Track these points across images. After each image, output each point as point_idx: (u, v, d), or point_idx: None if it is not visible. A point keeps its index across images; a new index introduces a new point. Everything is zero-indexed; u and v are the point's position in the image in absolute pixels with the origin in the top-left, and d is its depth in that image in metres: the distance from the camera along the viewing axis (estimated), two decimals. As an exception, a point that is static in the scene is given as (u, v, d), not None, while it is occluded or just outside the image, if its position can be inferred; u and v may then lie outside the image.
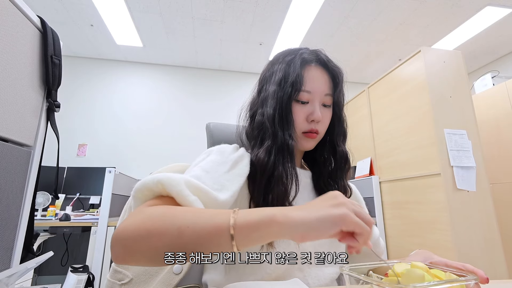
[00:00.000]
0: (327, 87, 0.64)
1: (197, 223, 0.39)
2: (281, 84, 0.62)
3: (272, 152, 0.58)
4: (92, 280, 1.96)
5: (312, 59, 0.64)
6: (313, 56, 0.64)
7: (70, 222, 2.14)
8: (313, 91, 0.61)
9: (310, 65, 0.63)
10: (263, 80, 0.67)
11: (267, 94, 0.63)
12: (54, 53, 0.76)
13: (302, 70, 0.62)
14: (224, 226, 0.37)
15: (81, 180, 2.91)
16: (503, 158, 2.43)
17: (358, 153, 2.57)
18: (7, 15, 0.63)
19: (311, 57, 0.64)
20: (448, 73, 1.80)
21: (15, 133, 0.65)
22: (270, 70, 0.66)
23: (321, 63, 0.64)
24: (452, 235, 1.52)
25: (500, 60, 3.96)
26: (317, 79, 0.63)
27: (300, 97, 0.61)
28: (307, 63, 0.63)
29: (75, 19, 3.14)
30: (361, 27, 3.24)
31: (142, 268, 0.60)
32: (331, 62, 0.65)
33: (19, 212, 0.67)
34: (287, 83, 0.61)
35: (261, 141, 0.61)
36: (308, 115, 0.61)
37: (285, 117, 0.60)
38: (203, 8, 2.93)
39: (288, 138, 0.59)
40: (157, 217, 0.41)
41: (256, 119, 0.63)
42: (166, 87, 4.07)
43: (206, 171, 0.54)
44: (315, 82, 0.62)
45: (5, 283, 0.44)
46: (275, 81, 0.63)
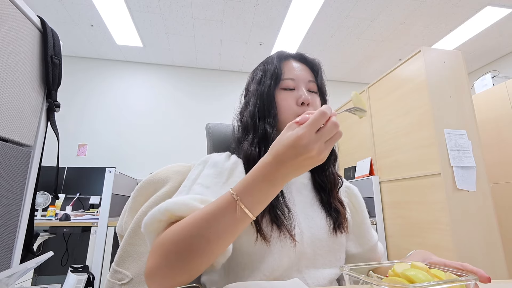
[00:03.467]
0: (309, 75, 0.66)
1: (213, 220, 0.42)
2: (261, 81, 0.65)
3: (254, 142, 0.61)
4: (92, 280, 1.96)
5: (288, 55, 0.69)
6: (289, 53, 0.69)
7: (70, 222, 2.14)
8: (296, 78, 0.64)
9: (288, 59, 0.68)
10: (247, 87, 0.72)
11: (250, 95, 0.67)
12: (54, 53, 0.76)
13: (280, 63, 0.66)
14: (230, 199, 0.42)
15: (81, 180, 2.91)
16: (503, 158, 2.43)
17: (358, 153, 2.57)
18: (7, 15, 0.63)
19: (287, 54, 0.69)
20: (448, 73, 1.80)
21: (15, 133, 0.65)
22: (251, 76, 0.71)
23: (298, 58, 0.69)
24: (452, 235, 1.52)
25: (500, 60, 3.96)
26: (297, 68, 0.66)
27: (285, 85, 0.64)
28: (285, 58, 0.68)
29: (75, 19, 3.14)
30: (361, 27, 3.24)
31: (142, 268, 0.60)
32: (308, 57, 0.69)
33: (19, 212, 0.67)
34: (267, 77, 0.64)
35: (245, 136, 0.64)
36: (297, 99, 0.62)
37: (266, 108, 0.62)
38: (203, 8, 2.93)
39: (268, 126, 0.61)
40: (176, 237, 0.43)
41: (242, 122, 0.67)
42: (166, 87, 4.07)
43: (206, 187, 0.55)
44: (296, 70, 0.65)
45: (5, 283, 0.44)
46: (256, 81, 0.67)
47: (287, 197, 0.60)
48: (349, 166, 2.74)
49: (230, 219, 0.41)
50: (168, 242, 0.43)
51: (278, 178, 0.41)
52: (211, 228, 0.41)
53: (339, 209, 0.63)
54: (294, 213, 0.59)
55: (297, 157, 0.40)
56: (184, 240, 0.42)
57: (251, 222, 0.52)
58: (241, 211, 0.41)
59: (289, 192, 0.62)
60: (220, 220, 0.41)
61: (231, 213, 0.41)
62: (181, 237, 0.42)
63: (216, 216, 0.42)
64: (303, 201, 0.63)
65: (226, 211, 0.41)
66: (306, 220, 0.60)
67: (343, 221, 0.62)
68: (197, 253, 0.41)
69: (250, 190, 0.42)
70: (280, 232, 0.54)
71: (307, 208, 0.62)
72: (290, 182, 0.64)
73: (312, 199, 0.64)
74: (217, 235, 0.41)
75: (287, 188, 0.63)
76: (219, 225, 0.41)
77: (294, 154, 0.40)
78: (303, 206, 0.62)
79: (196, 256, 0.41)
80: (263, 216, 0.54)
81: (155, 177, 0.68)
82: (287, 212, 0.57)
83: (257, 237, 0.53)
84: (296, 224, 0.57)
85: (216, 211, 0.42)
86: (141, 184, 0.68)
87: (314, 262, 0.57)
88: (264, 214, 0.55)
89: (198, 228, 0.42)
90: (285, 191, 0.61)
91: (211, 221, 0.42)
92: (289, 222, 0.55)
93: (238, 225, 0.42)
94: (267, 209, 0.55)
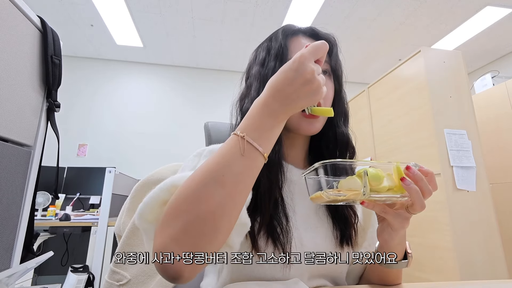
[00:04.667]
0: None
1: (221, 164, 0.38)
2: (264, 62, 0.56)
3: None
4: (92, 280, 1.96)
5: (297, 30, 0.59)
6: (298, 28, 0.59)
7: (70, 222, 2.14)
8: None
9: (297, 35, 0.58)
10: (248, 68, 0.62)
11: (252, 79, 0.58)
12: (54, 53, 0.76)
13: (286, 41, 0.56)
14: (237, 138, 0.39)
15: (81, 180, 2.91)
16: (503, 158, 2.43)
17: (358, 153, 2.56)
18: (7, 15, 0.63)
19: (296, 29, 0.59)
20: (448, 73, 1.80)
21: (15, 133, 0.65)
22: (253, 55, 0.62)
23: (308, 33, 0.59)
24: (452, 235, 1.51)
25: (500, 60, 3.95)
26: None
27: None
28: (292, 34, 0.58)
29: (75, 19, 3.14)
30: (361, 27, 3.24)
31: (140, 269, 0.59)
32: (321, 31, 0.60)
33: (19, 212, 0.67)
34: (271, 57, 0.55)
35: None
36: None
37: None
38: (203, 8, 2.93)
39: None
40: (187, 191, 0.36)
41: (243, 110, 0.57)
42: (166, 87, 4.07)
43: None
44: None
45: (5, 283, 0.44)
46: (258, 62, 0.58)
47: (288, 204, 0.54)
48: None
49: (241, 158, 0.37)
50: (180, 201, 0.35)
51: (278, 110, 0.39)
52: (225, 171, 0.37)
53: (348, 217, 0.56)
54: (295, 222, 0.53)
55: (293, 82, 0.38)
56: (197, 191, 0.35)
57: (247, 233, 0.46)
58: (250, 147, 0.38)
59: (290, 198, 0.55)
60: (231, 162, 0.37)
61: (241, 152, 0.38)
62: (194, 189, 0.36)
63: (226, 158, 0.38)
64: (307, 207, 0.56)
65: (236, 151, 0.38)
66: (309, 230, 0.54)
67: (352, 232, 0.55)
68: (214, 203, 0.35)
69: (253, 126, 0.39)
70: (275, 248, 0.49)
71: (311, 216, 0.56)
72: (292, 184, 0.57)
73: (317, 205, 0.57)
74: (232, 178, 0.37)
75: (288, 191, 0.56)
76: (232, 167, 0.37)
77: (290, 79, 0.38)
78: (306, 214, 0.55)
79: (216, 208, 0.35)
80: (261, 227, 0.49)
81: (152, 177, 0.67)
82: (285, 223, 0.51)
83: (252, 249, 0.48)
84: (295, 236, 0.51)
85: (226, 154, 0.38)
86: (139, 184, 0.68)
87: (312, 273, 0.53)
88: (262, 225, 0.49)
89: (210, 173, 0.37)
90: (286, 196, 0.54)
91: (222, 164, 0.37)
92: (285, 237, 0.50)
93: (251, 165, 0.38)
94: (265, 220, 0.49)
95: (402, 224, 0.45)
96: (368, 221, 0.62)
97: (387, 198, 0.42)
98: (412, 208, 0.42)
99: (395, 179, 0.41)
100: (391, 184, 0.41)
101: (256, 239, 0.48)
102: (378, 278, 0.55)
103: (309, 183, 0.45)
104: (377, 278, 0.55)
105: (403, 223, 0.45)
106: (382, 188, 0.40)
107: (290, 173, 0.57)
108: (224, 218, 0.35)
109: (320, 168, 0.41)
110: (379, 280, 0.55)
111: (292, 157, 0.60)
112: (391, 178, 0.41)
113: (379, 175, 0.39)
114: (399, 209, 0.44)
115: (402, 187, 0.40)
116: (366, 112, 2.45)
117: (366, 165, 0.41)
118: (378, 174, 0.39)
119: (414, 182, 0.40)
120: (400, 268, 0.50)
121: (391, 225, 0.46)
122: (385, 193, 0.40)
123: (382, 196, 0.41)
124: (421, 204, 0.41)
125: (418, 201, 0.40)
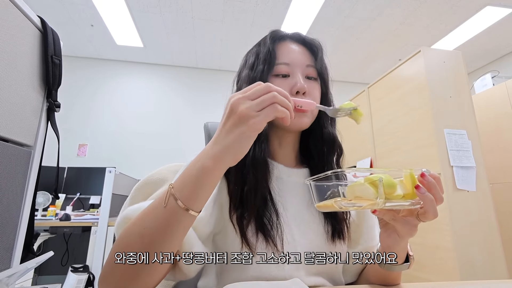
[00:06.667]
0: (307, 58, 0.58)
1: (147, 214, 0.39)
2: (253, 67, 0.58)
3: None
4: (92, 280, 1.96)
5: (284, 36, 0.61)
6: (285, 33, 0.61)
7: (70, 222, 2.14)
8: (291, 62, 0.57)
9: (284, 41, 0.60)
10: (239, 72, 0.64)
11: (241, 82, 0.60)
12: (55, 53, 0.76)
13: (274, 45, 0.58)
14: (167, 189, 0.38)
15: (81, 180, 2.91)
16: (503, 158, 2.43)
17: (358, 153, 2.57)
18: (7, 15, 0.63)
19: (283, 34, 0.61)
20: (448, 73, 1.80)
21: (15, 133, 0.65)
22: (244, 60, 0.64)
23: (295, 39, 0.60)
24: (452, 235, 1.51)
25: (500, 60, 3.95)
26: (293, 51, 0.58)
27: (278, 70, 0.56)
28: (280, 39, 0.60)
29: (75, 19, 3.14)
30: (361, 27, 3.24)
31: None
32: (307, 37, 0.61)
33: (19, 212, 0.67)
34: (259, 61, 0.57)
35: None
36: (292, 87, 0.55)
37: None
38: (203, 8, 2.93)
39: None
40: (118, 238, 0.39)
41: None
42: (166, 87, 4.07)
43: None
44: (292, 53, 0.58)
45: (5, 283, 0.44)
46: (248, 66, 0.60)
47: (277, 200, 0.54)
48: (349, 166, 2.75)
49: (163, 211, 0.37)
50: (114, 245, 0.39)
51: (207, 157, 0.37)
52: (146, 223, 0.37)
53: (338, 212, 0.56)
54: (286, 218, 0.53)
55: (225, 120, 0.37)
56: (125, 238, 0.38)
57: (235, 228, 0.49)
58: (171, 200, 0.36)
59: (279, 195, 0.56)
60: (155, 213, 0.37)
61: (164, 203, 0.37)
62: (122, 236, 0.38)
63: (151, 209, 0.38)
64: (298, 203, 0.57)
65: (161, 201, 0.37)
66: (301, 225, 0.54)
67: (344, 227, 0.56)
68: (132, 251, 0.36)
69: (182, 177, 0.38)
70: (267, 243, 0.49)
71: (302, 212, 0.56)
72: (282, 183, 0.57)
73: (309, 201, 0.57)
74: (150, 231, 0.37)
75: (278, 189, 0.56)
76: (153, 220, 0.37)
77: (223, 118, 0.38)
78: (298, 209, 0.56)
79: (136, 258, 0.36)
80: (249, 222, 0.50)
81: (152, 177, 0.67)
82: (275, 219, 0.51)
83: (242, 245, 0.49)
84: (287, 231, 0.52)
85: (154, 203, 0.38)
86: (138, 184, 0.67)
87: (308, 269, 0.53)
88: (250, 220, 0.50)
89: (133, 224, 0.38)
90: (275, 194, 0.55)
91: (147, 214, 0.38)
92: (276, 233, 0.50)
93: (171, 218, 0.36)
94: (254, 216, 0.50)
95: (410, 232, 0.44)
96: (361, 217, 0.62)
97: (399, 206, 0.41)
98: (424, 216, 0.41)
99: (408, 186, 0.40)
100: (404, 192, 0.39)
101: (246, 235, 0.49)
102: (377, 278, 0.55)
103: (315, 190, 0.44)
104: (376, 278, 0.55)
105: (411, 231, 0.44)
106: (396, 196, 0.38)
107: (278, 171, 0.59)
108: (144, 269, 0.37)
109: (332, 176, 0.40)
110: (378, 280, 0.55)
111: (282, 155, 0.62)
112: (403, 184, 0.40)
113: (393, 182, 0.38)
114: (407, 216, 0.43)
115: (413, 194, 0.39)
116: (366, 112, 2.46)
117: (378, 172, 0.38)
118: (392, 182, 0.38)
119: (428, 190, 0.39)
120: (401, 270, 0.50)
121: (398, 232, 0.45)
122: (398, 201, 0.39)
123: (395, 204, 0.39)
124: (434, 212, 0.40)
125: (432, 209, 0.40)
